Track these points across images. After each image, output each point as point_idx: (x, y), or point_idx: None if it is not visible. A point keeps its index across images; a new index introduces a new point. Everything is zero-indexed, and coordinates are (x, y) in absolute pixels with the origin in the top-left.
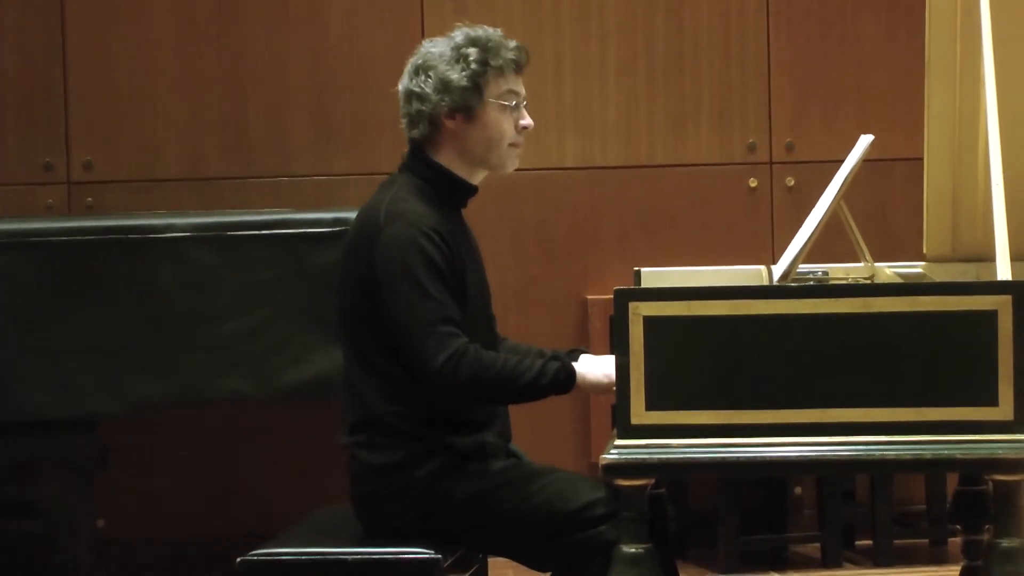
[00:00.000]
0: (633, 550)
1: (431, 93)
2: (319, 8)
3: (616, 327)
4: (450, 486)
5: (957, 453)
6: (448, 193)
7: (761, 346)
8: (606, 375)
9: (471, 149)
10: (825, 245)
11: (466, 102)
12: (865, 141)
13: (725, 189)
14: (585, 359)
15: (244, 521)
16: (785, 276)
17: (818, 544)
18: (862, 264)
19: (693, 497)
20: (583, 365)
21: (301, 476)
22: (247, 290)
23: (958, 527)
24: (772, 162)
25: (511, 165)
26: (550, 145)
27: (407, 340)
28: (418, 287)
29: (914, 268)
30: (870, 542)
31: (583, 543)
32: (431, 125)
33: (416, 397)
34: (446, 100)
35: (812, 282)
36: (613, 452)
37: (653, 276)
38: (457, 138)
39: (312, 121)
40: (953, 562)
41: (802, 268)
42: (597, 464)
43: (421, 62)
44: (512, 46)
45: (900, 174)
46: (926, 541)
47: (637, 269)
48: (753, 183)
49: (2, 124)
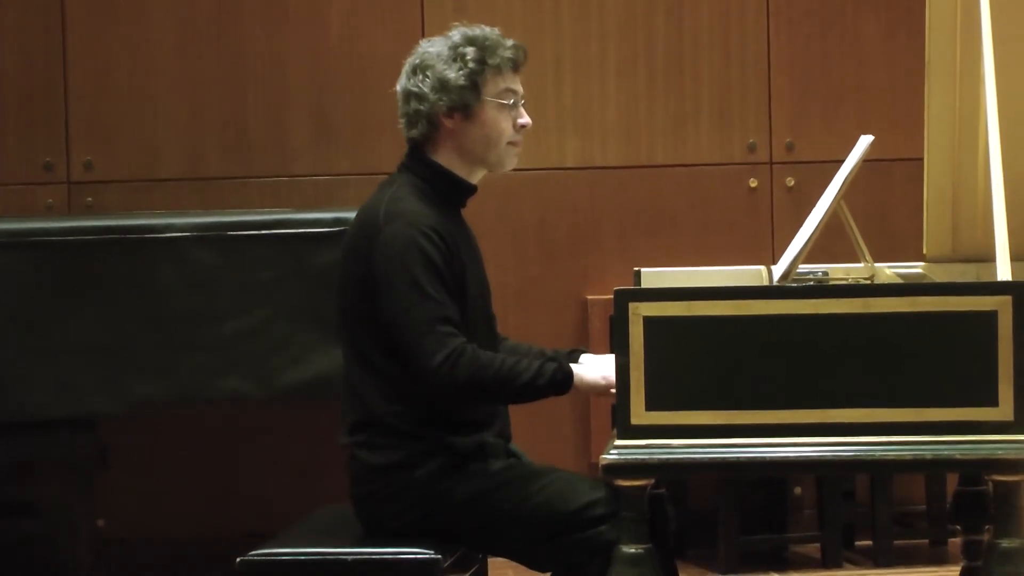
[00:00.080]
0: (633, 550)
1: (429, 92)
2: (319, 8)
3: (616, 327)
4: (450, 486)
5: (957, 453)
6: (447, 192)
7: (761, 346)
8: (604, 377)
9: (470, 148)
10: (825, 245)
11: (464, 101)
12: (865, 141)
13: (725, 189)
14: (585, 360)
15: (244, 521)
16: (785, 276)
17: (818, 544)
18: (862, 264)
19: (693, 497)
20: (581, 367)
21: (301, 476)
22: (247, 290)
23: (958, 527)
24: (772, 162)
25: (510, 164)
26: (550, 145)
27: (405, 339)
28: (416, 287)
29: (914, 268)
30: (870, 542)
31: (583, 543)
32: (429, 124)
33: (416, 397)
34: (444, 99)
35: (812, 282)
36: (613, 452)
37: (653, 276)
38: (456, 137)
39: (312, 121)
40: (953, 562)
41: (802, 268)
42: (597, 464)
43: (419, 62)
44: (509, 45)
45: (900, 174)
46: (926, 541)
47: (637, 269)
48: (753, 183)
49: (2, 124)
